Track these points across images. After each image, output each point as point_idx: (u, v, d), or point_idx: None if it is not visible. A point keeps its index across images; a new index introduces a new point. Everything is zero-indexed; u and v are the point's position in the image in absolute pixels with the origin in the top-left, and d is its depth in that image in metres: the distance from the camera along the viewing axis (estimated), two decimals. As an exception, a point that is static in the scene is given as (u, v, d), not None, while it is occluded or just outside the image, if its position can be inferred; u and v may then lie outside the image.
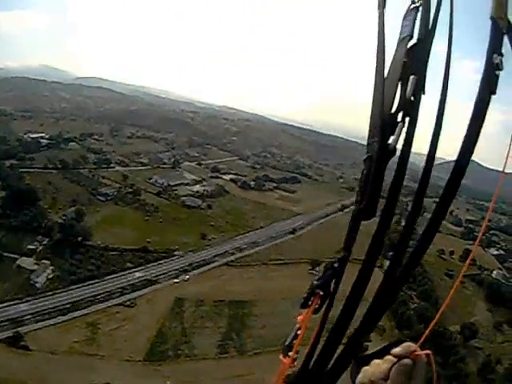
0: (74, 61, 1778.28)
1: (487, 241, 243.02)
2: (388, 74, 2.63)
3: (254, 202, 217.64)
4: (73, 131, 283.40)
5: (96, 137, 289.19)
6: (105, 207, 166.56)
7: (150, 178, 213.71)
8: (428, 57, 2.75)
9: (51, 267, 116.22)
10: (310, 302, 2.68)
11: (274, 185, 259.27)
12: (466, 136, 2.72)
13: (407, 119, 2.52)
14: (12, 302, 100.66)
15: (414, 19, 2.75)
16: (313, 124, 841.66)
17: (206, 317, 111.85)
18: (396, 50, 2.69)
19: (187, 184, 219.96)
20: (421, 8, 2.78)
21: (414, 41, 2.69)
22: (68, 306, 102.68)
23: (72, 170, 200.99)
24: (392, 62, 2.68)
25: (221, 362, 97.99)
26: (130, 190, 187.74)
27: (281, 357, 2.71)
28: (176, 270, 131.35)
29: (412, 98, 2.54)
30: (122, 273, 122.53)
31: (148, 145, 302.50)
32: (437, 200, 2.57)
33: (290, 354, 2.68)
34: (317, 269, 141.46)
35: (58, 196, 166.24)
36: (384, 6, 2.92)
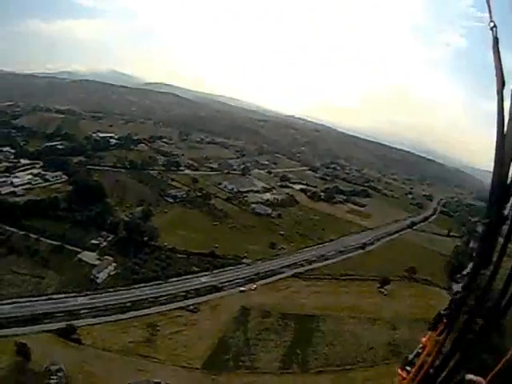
0: (141, 67, 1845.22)
1: None
2: (505, 145, 2.80)
3: (324, 213, 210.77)
4: (142, 133, 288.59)
5: (165, 140, 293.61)
6: (173, 209, 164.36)
7: (220, 184, 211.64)
8: None
9: (114, 264, 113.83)
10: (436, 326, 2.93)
11: (344, 197, 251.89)
12: None
13: None
14: (70, 295, 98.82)
15: None
16: (380, 137, 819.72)
17: (271, 329, 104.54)
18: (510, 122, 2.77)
19: (257, 191, 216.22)
20: None
21: None
22: (128, 304, 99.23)
23: (141, 170, 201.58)
24: (508, 136, 2.83)
25: (282, 378, 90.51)
26: (199, 193, 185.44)
27: (399, 370, 2.86)
28: (243, 278, 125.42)
29: None
30: (188, 276, 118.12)
31: (218, 151, 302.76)
32: None
33: (408, 368, 2.79)
34: (385, 287, 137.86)
35: (125, 195, 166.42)
36: (503, 86, 2.99)
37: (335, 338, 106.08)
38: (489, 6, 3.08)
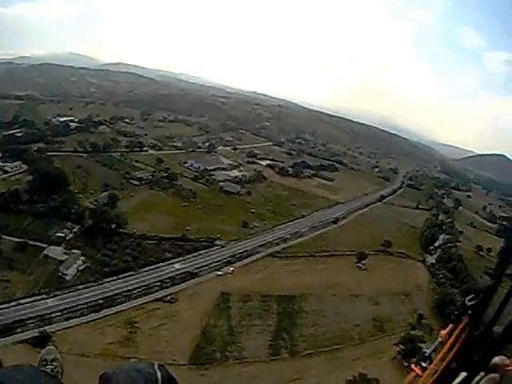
0: (100, 48, 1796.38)
1: None
2: None
3: (293, 189, 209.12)
4: (103, 115, 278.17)
5: (127, 120, 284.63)
6: (139, 192, 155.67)
7: (186, 162, 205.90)
8: None
9: (82, 257, 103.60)
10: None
11: (312, 172, 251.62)
12: None
13: None
14: (39, 297, 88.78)
15: None
16: (344, 112, 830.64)
17: (254, 314, 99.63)
18: None
19: (224, 169, 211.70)
20: None
21: None
22: (101, 301, 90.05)
23: (103, 152, 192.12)
24: None
25: (272, 364, 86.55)
26: (165, 174, 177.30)
27: (412, 365, 2.74)
28: (218, 261, 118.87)
29: None
30: (161, 264, 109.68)
31: (181, 129, 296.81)
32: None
33: (424, 364, 2.69)
34: (363, 262, 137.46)
35: (88, 180, 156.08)
36: None
37: (319, 317, 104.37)
38: None
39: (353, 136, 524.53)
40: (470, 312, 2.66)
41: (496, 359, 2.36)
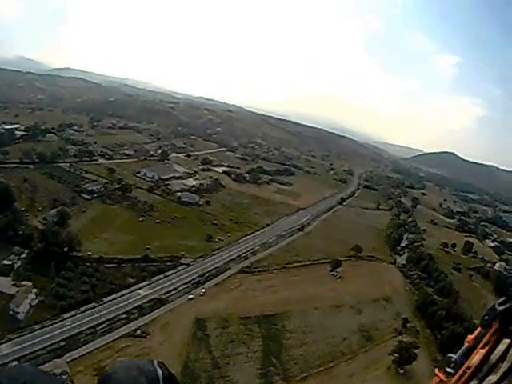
0: (49, 52, 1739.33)
1: (482, 233, 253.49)
2: None
3: (253, 196, 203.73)
4: (50, 122, 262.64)
5: (75, 128, 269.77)
6: (91, 207, 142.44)
7: (139, 172, 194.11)
8: None
9: (34, 290, 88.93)
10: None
11: (270, 177, 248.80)
12: None
13: None
14: None
15: None
16: (292, 116, 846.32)
17: (236, 340, 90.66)
18: None
19: (179, 177, 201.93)
20: None
21: None
22: (63, 343, 76.64)
23: (51, 163, 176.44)
24: None
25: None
26: (118, 185, 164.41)
27: (436, 370, 2.70)
28: (187, 282, 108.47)
29: None
30: (124, 292, 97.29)
31: (131, 136, 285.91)
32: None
33: (449, 370, 2.66)
34: (337, 269, 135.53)
35: (36, 195, 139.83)
36: None
37: (306, 335, 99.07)
38: None
39: (303, 139, 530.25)
40: (500, 317, 2.52)
41: None
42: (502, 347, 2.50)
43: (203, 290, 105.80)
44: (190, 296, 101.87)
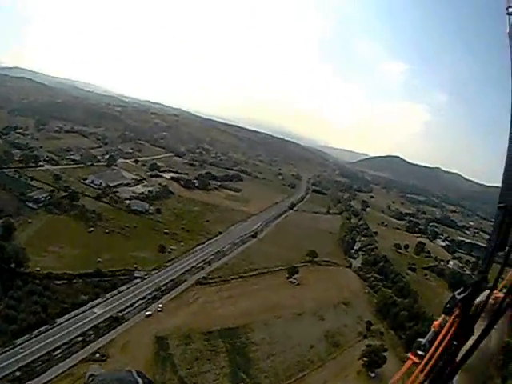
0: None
1: (432, 233, 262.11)
2: None
3: (203, 203, 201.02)
4: None
5: (20, 131, 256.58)
6: (37, 217, 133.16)
7: (86, 179, 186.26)
8: None
9: None
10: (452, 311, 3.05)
11: (218, 183, 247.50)
12: None
13: None
14: None
15: None
16: (241, 121, 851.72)
17: (202, 357, 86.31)
18: None
19: (128, 184, 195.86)
20: None
21: None
22: (18, 373, 68.78)
23: None
24: None
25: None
26: (65, 193, 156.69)
27: (409, 354, 3.04)
28: (143, 298, 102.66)
29: None
30: (77, 311, 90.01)
31: (78, 140, 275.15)
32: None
33: (420, 352, 3.01)
34: (294, 276, 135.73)
35: None
36: None
37: (272, 346, 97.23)
38: None
39: (251, 144, 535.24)
40: (460, 304, 2.93)
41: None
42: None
43: (160, 305, 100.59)
44: (148, 312, 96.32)
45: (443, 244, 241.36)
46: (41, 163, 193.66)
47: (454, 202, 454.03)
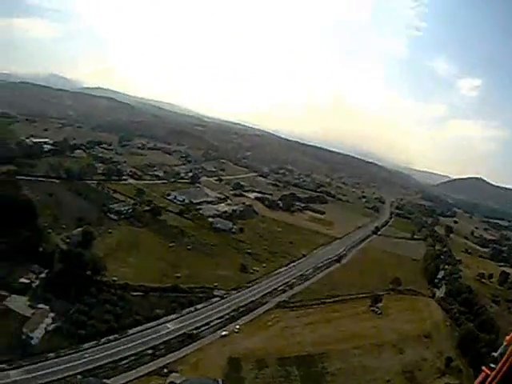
0: (80, 71, 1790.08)
1: None
2: None
3: (286, 223, 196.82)
4: (79, 138, 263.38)
5: (104, 145, 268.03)
6: (118, 228, 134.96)
7: (169, 194, 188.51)
8: None
9: (51, 314, 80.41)
10: None
11: (302, 205, 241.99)
12: None
13: None
14: None
15: None
16: (319, 142, 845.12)
17: (274, 383, 79.94)
18: None
19: (211, 202, 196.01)
20: None
21: None
22: (79, 376, 67.03)
23: (78, 180, 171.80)
24: None
25: None
26: (147, 207, 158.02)
27: (483, 367, 3.10)
28: (220, 317, 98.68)
29: None
30: (150, 324, 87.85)
31: (161, 157, 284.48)
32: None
33: (493, 365, 3.03)
34: (377, 305, 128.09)
35: (60, 212, 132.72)
36: None
37: (347, 377, 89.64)
38: None
39: (332, 165, 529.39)
40: None
41: None
42: None
43: (238, 326, 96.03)
44: (224, 332, 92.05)
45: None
46: (124, 177, 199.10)
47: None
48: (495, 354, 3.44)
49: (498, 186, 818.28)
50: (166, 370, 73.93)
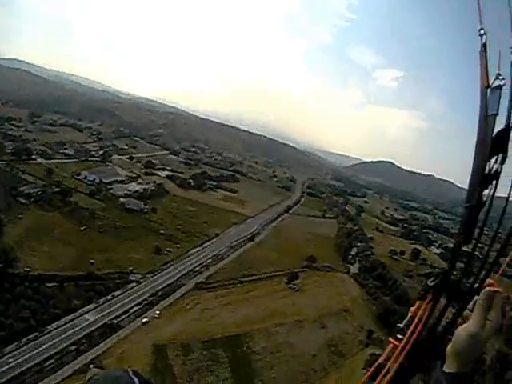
0: None
1: (427, 240, 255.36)
2: (478, 147, 3.07)
3: (199, 203, 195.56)
4: None
5: (14, 122, 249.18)
6: (28, 213, 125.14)
7: (79, 174, 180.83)
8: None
9: None
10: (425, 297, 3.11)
11: (214, 183, 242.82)
12: None
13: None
14: None
15: (499, 97, 3.08)
16: (231, 120, 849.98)
17: (202, 368, 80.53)
18: (481, 126, 3.07)
19: (122, 181, 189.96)
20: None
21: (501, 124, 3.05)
22: None
23: None
24: (480, 138, 3.07)
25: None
26: (57, 189, 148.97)
27: (390, 338, 3.15)
28: (139, 303, 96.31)
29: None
30: (69, 317, 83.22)
31: (72, 134, 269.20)
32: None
33: (400, 336, 3.08)
34: (294, 282, 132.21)
35: None
36: (487, 88, 3.13)
37: (274, 355, 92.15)
38: (480, 14, 3.18)
39: (245, 145, 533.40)
40: (432, 291, 3.06)
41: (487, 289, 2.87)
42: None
43: (157, 312, 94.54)
44: (144, 319, 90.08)
45: (438, 251, 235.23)
46: (33, 156, 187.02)
47: (446, 209, 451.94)
48: (401, 325, 3.08)
49: (407, 170, 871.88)
50: (91, 366, 71.22)
